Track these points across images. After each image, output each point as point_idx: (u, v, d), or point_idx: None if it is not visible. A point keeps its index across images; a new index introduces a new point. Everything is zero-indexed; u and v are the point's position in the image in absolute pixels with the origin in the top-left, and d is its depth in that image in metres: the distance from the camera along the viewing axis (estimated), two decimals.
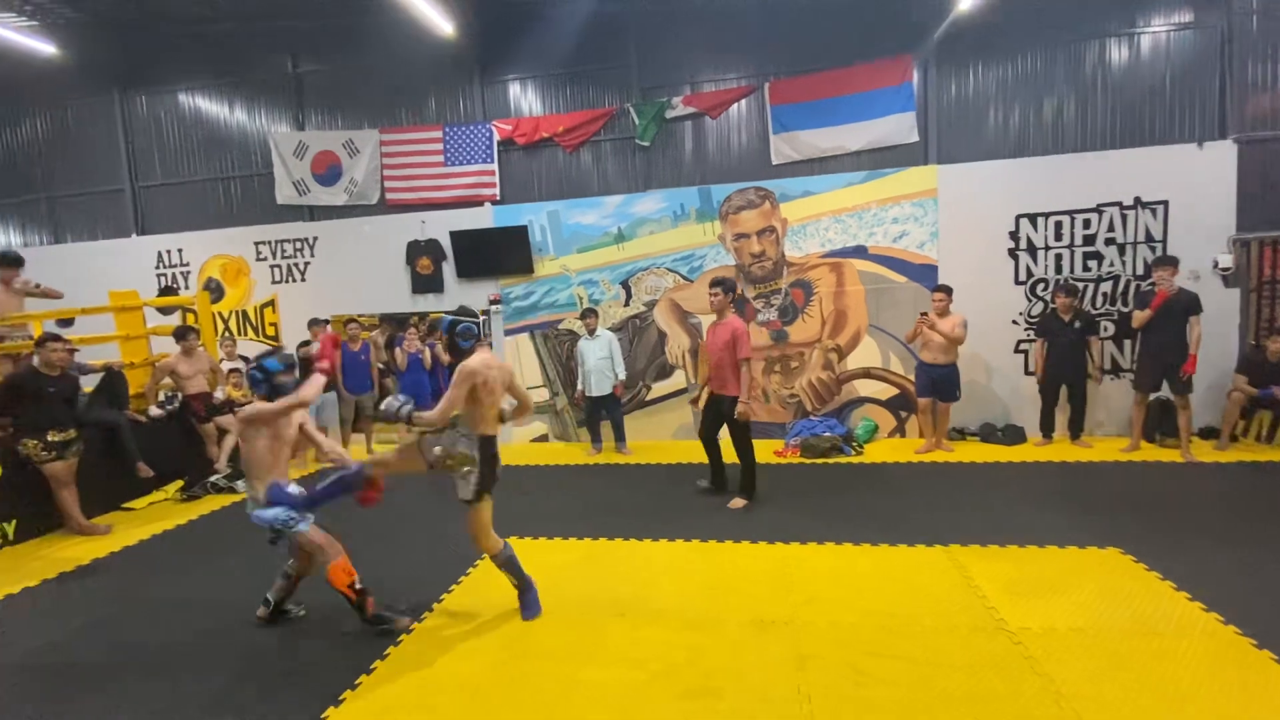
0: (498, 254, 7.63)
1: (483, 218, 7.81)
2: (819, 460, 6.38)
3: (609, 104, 7.76)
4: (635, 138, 7.62)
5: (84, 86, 8.93)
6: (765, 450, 6.80)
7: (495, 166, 7.93)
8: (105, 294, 6.72)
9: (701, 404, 5.41)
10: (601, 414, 7.05)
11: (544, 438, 7.84)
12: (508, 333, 7.77)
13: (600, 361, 6.80)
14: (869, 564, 3.93)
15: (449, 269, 7.84)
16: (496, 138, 7.91)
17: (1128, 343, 6.71)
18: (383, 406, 3.35)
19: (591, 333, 6.88)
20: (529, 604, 3.48)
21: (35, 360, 5.16)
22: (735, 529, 4.55)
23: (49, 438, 5.02)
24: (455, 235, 7.66)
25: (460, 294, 7.78)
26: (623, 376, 6.90)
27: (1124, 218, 6.67)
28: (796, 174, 7.32)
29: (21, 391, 5.03)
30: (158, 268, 8.57)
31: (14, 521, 5.07)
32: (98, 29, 8.46)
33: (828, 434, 6.69)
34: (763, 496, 5.27)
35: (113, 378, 6.05)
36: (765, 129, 7.44)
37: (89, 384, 5.91)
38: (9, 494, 5.04)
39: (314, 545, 3.28)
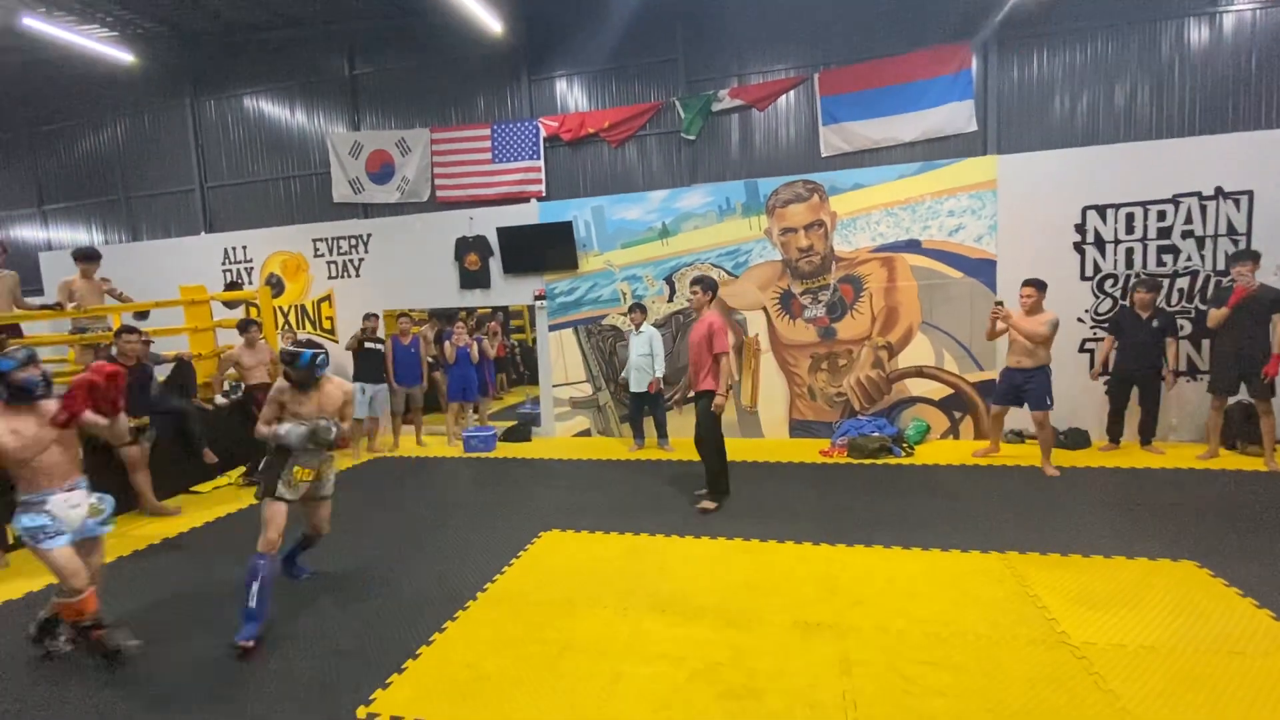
0: (543, 250, 7.70)
1: (528, 214, 7.90)
2: (867, 461, 6.21)
3: (654, 98, 7.73)
4: (680, 132, 7.57)
5: (159, 93, 9.46)
6: (810, 449, 6.68)
7: (541, 163, 8.01)
8: (176, 289, 7.10)
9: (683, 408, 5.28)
10: (644, 409, 7.04)
11: (586, 432, 7.89)
12: (552, 328, 7.85)
13: (642, 358, 6.80)
14: (919, 569, 3.80)
15: (495, 265, 7.96)
16: (543, 134, 7.98)
17: (1205, 342, 6.28)
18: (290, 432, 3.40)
19: (638, 328, 6.86)
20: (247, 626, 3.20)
21: (113, 350, 5.50)
22: (779, 528, 4.47)
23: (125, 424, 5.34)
24: (502, 232, 7.78)
25: (506, 290, 7.90)
26: (662, 373, 6.88)
27: (1203, 209, 6.24)
28: (847, 166, 7.14)
29: None
30: (224, 264, 9.00)
31: None
32: (172, 38, 8.95)
33: (876, 434, 6.50)
34: (809, 496, 5.16)
35: (183, 368, 6.39)
36: (814, 120, 7.27)
37: (161, 374, 6.25)
38: (91, 476, 5.37)
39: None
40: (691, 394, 5.04)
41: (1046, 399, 5.53)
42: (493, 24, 6.91)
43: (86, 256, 6.24)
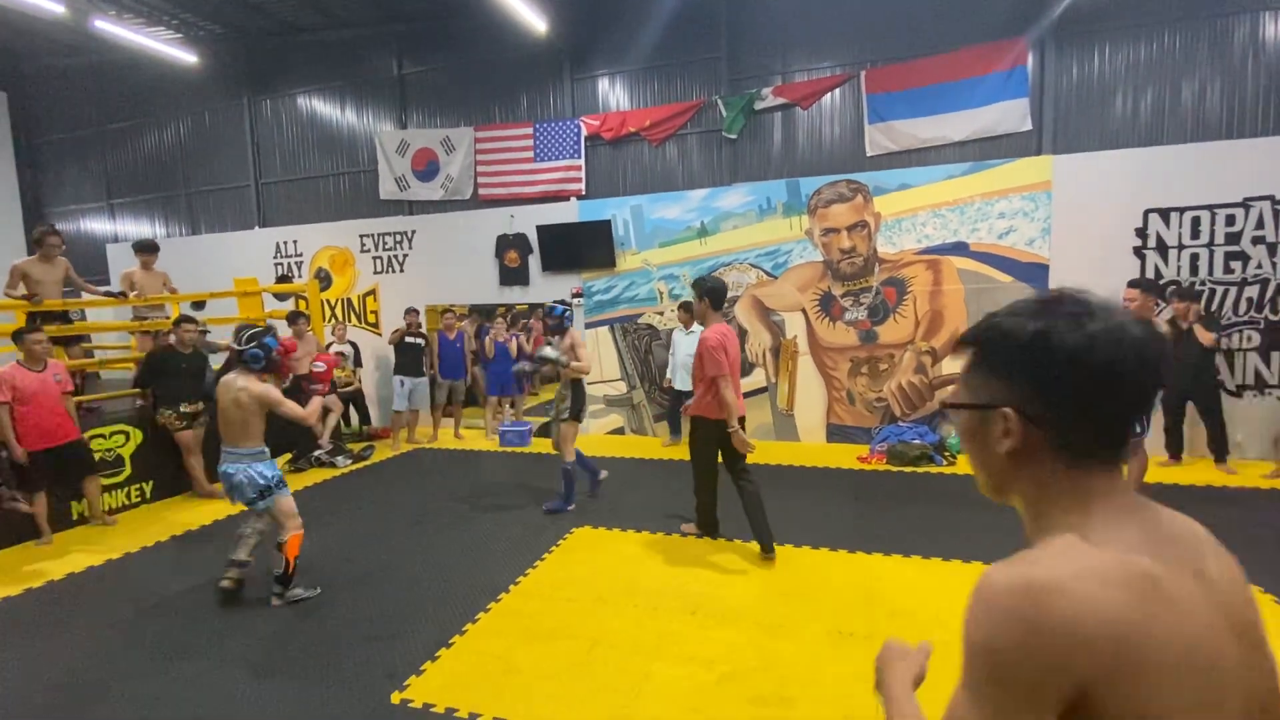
0: (581, 248, 7.75)
1: (568, 212, 7.95)
2: (907, 468, 6.06)
3: (696, 96, 7.69)
4: (722, 130, 7.51)
5: (218, 92, 9.86)
6: (848, 455, 6.54)
7: (582, 161, 8.05)
8: (230, 280, 7.39)
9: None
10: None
11: (620, 430, 7.91)
12: (588, 325, 7.88)
13: (689, 358, 6.75)
14: (959, 581, 3.68)
15: (534, 262, 8.04)
16: (584, 133, 8.02)
17: (1276, 355, 5.93)
18: (543, 352, 4.96)
19: (687, 327, 6.79)
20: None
21: (171, 338, 5.75)
22: (814, 535, 4.40)
23: (182, 409, 5.59)
24: (541, 229, 7.85)
25: (545, 287, 7.97)
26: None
27: (1276, 214, 5.88)
28: (893, 166, 6.96)
29: (160, 367, 5.61)
30: (275, 257, 9.32)
31: (151, 482, 5.68)
32: (231, 40, 9.31)
33: (917, 441, 6.34)
34: (845, 503, 5.06)
35: (236, 357, 6.64)
36: (860, 119, 7.12)
37: (216, 362, 6.51)
38: (148, 458, 5.65)
39: (287, 511, 3.66)
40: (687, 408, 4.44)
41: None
42: (537, 23, 6.97)
43: (147, 248, 6.52)
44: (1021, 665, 0.65)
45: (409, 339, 7.43)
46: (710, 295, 4.08)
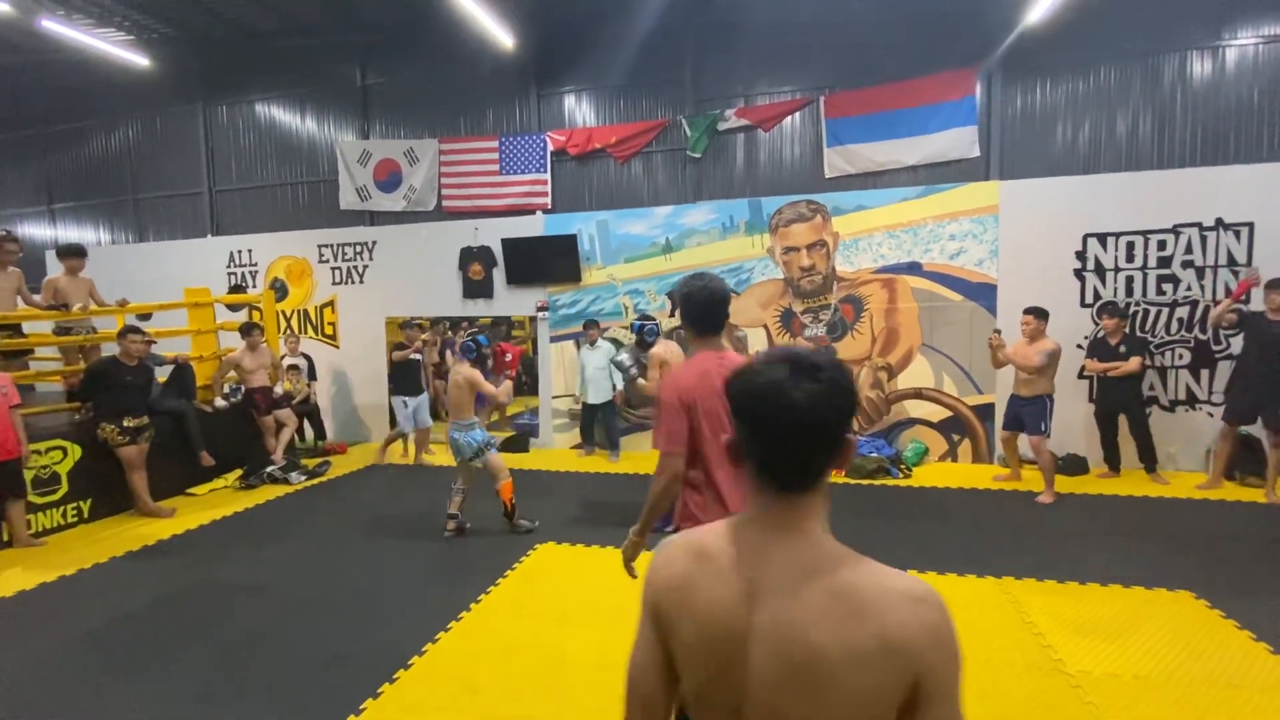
0: (546, 261, 7.75)
1: (534, 226, 7.95)
2: (864, 481, 6.20)
3: (661, 116, 7.81)
4: (687, 149, 7.64)
5: (172, 96, 9.57)
6: None
7: (548, 176, 8.08)
8: (181, 290, 7.13)
9: None
10: (597, 418, 7.29)
11: (580, 445, 7.88)
12: (553, 339, 7.86)
13: (598, 371, 7.01)
14: None
15: (499, 275, 8.00)
16: (550, 148, 8.06)
17: (1205, 372, 6.30)
18: (616, 359, 5.33)
19: (593, 343, 7.10)
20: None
21: (117, 351, 5.51)
22: None
23: (125, 423, 5.34)
24: (506, 242, 7.82)
25: (509, 300, 7.93)
26: (621, 387, 7.07)
27: (1204, 240, 6.29)
28: (850, 188, 7.20)
29: (103, 379, 5.37)
30: (229, 267, 9.05)
31: (89, 500, 5.41)
32: (187, 43, 9.07)
33: (875, 454, 6.50)
34: None
35: (182, 370, 6.40)
36: (819, 142, 7.35)
37: (161, 374, 6.26)
38: (86, 475, 5.38)
39: (498, 466, 4.78)
40: None
41: (1041, 425, 5.52)
42: (504, 39, 7.01)
43: (72, 253, 6.02)
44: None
45: (411, 356, 7.12)
46: (685, 310, 2.22)
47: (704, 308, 2.19)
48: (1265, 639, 3.15)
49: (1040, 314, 5.54)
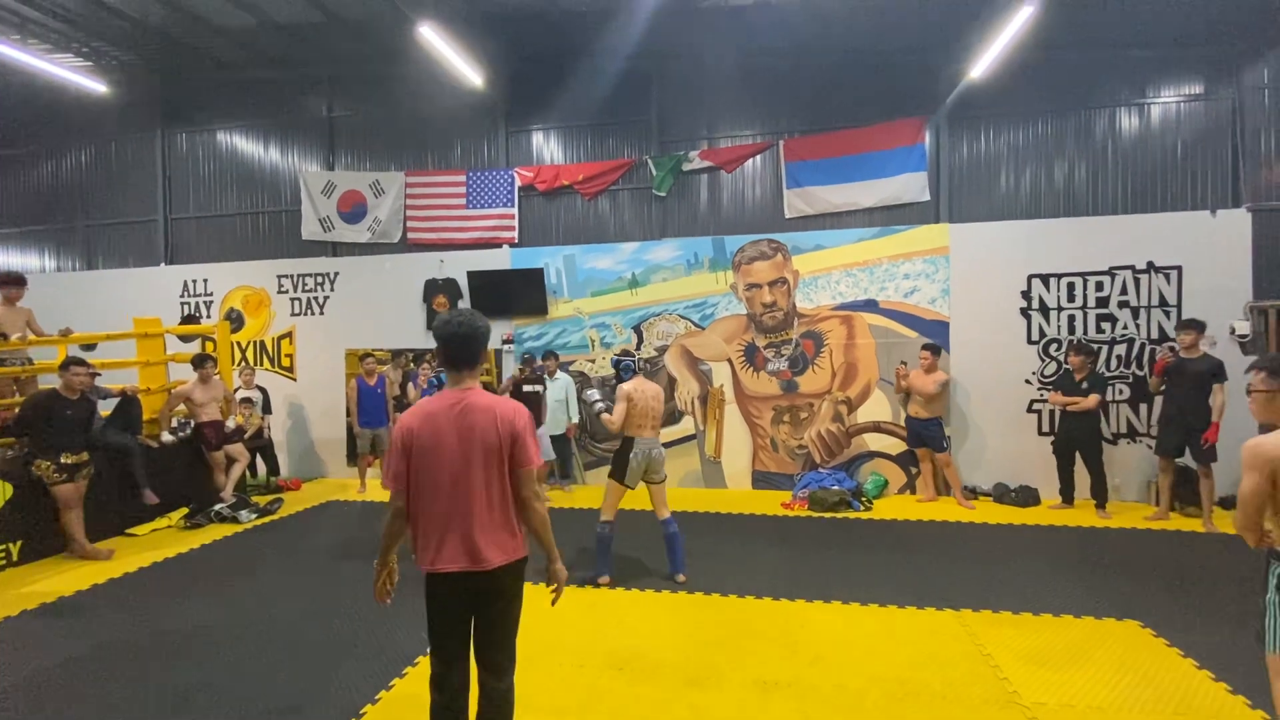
0: (513, 294, 7.76)
1: (500, 259, 7.97)
2: (827, 514, 6.27)
3: (628, 155, 7.99)
4: (652, 188, 7.82)
5: (129, 123, 9.35)
6: (773, 501, 6.71)
7: (515, 210, 8.14)
8: (130, 320, 6.88)
9: None
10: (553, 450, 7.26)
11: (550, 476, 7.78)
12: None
13: (556, 404, 7.03)
14: (876, 625, 3.82)
15: (464, 307, 7.94)
16: (518, 183, 8.14)
17: (1144, 406, 6.62)
18: (586, 393, 5.18)
19: (551, 375, 7.11)
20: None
21: (58, 384, 5.26)
22: (739, 582, 4.46)
23: (62, 460, 5.08)
24: (473, 275, 7.81)
25: None
26: (575, 419, 7.24)
27: (1137, 281, 6.69)
28: (809, 228, 7.45)
29: (42, 413, 5.10)
30: (182, 296, 8.78)
31: (19, 542, 5.08)
32: (147, 70, 8.92)
33: (836, 487, 6.59)
34: (768, 548, 5.17)
35: (128, 402, 6.13)
36: (779, 184, 7.61)
37: (106, 408, 5.99)
38: (17, 515, 5.06)
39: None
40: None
41: (943, 443, 6.57)
42: (474, 77, 7.11)
43: (10, 281, 5.86)
44: None
45: (526, 387, 6.70)
46: (438, 346, 2.39)
47: (449, 343, 2.31)
48: (1207, 667, 3.27)
49: (935, 350, 6.57)
